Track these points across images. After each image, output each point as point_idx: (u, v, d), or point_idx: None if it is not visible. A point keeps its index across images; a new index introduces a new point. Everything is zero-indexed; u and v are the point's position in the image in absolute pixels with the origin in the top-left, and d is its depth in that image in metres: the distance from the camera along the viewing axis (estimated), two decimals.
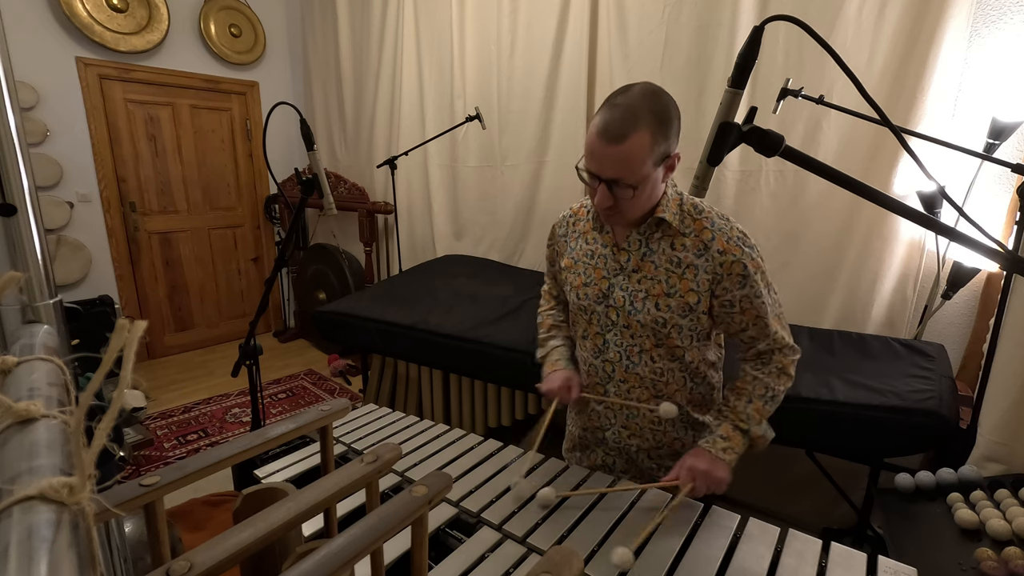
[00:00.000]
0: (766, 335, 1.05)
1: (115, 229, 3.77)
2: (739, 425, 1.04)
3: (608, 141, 0.92)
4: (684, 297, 1.03)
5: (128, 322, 0.31)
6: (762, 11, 2.28)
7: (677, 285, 1.03)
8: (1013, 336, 1.46)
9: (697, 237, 1.02)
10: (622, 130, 0.91)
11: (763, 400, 1.05)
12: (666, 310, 1.04)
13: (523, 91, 3.07)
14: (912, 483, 1.37)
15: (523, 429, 2.28)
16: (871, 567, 0.87)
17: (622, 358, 1.11)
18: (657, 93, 0.94)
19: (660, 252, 1.04)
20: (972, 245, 0.68)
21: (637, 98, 0.92)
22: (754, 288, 1.01)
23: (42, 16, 3.31)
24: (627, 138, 0.90)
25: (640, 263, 1.06)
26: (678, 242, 1.03)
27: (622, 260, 1.07)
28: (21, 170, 0.63)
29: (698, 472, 0.99)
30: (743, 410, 1.05)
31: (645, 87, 0.95)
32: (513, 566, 0.89)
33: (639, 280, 1.06)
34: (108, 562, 0.69)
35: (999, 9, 1.91)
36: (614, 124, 0.91)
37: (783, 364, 1.07)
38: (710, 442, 1.04)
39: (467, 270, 3.14)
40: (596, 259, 1.11)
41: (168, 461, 2.77)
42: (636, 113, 0.91)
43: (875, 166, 2.12)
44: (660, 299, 1.04)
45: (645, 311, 1.05)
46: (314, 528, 0.92)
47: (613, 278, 1.08)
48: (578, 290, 1.14)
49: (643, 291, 1.05)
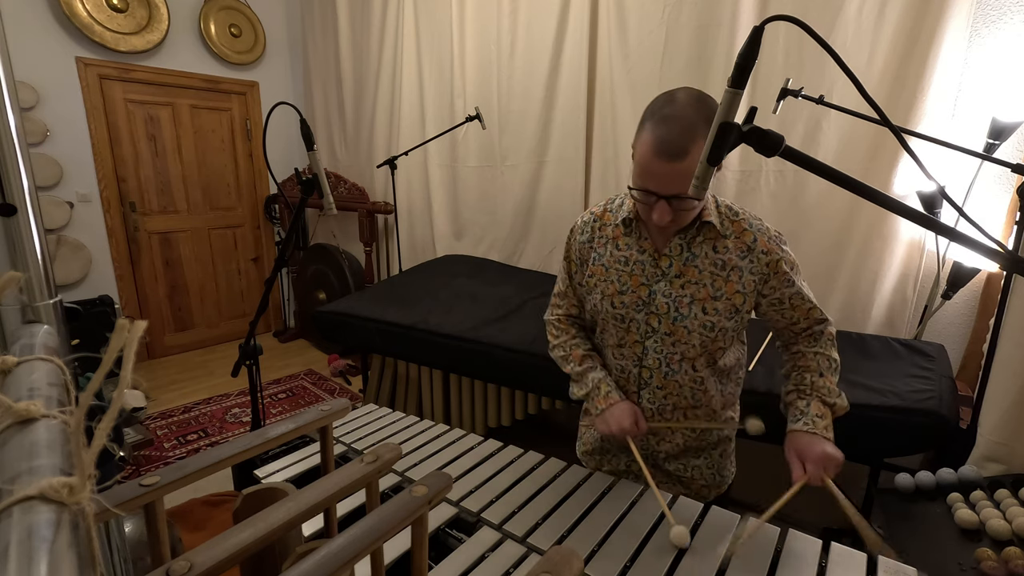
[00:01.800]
0: (817, 320, 1.09)
1: (115, 229, 3.77)
2: (825, 399, 1.03)
3: (669, 159, 0.89)
4: (731, 299, 1.02)
5: (128, 322, 0.31)
6: (762, 11, 2.28)
7: (723, 288, 1.02)
8: (1013, 336, 1.46)
9: (739, 239, 1.01)
10: (682, 145, 0.88)
11: (832, 372, 1.06)
12: (713, 313, 1.02)
13: (523, 91, 3.07)
14: (912, 483, 1.37)
15: (523, 429, 2.29)
16: (871, 567, 0.87)
17: (661, 365, 1.08)
18: (703, 98, 0.92)
19: (703, 256, 1.02)
20: (972, 245, 0.68)
21: (689, 108, 0.90)
22: (798, 282, 1.04)
23: (42, 16, 3.31)
24: (689, 153, 0.88)
25: (683, 268, 1.03)
26: (720, 244, 1.02)
27: (663, 266, 1.05)
28: (21, 170, 0.63)
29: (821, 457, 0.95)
30: (823, 385, 1.04)
31: (690, 93, 0.92)
32: (513, 566, 0.89)
33: (682, 285, 1.03)
34: (108, 562, 0.69)
35: (999, 9, 1.91)
36: (672, 140, 0.88)
37: (831, 335, 1.10)
38: (809, 423, 1.00)
39: (467, 270, 3.14)
40: (632, 265, 1.07)
41: (168, 461, 2.77)
42: (692, 125, 0.88)
43: (875, 166, 2.12)
44: (707, 303, 1.02)
45: (692, 316, 1.03)
46: (314, 528, 0.92)
47: (654, 284, 1.05)
48: (612, 298, 1.09)
49: (688, 296, 1.03)
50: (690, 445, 1.18)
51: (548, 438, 1.44)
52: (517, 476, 1.17)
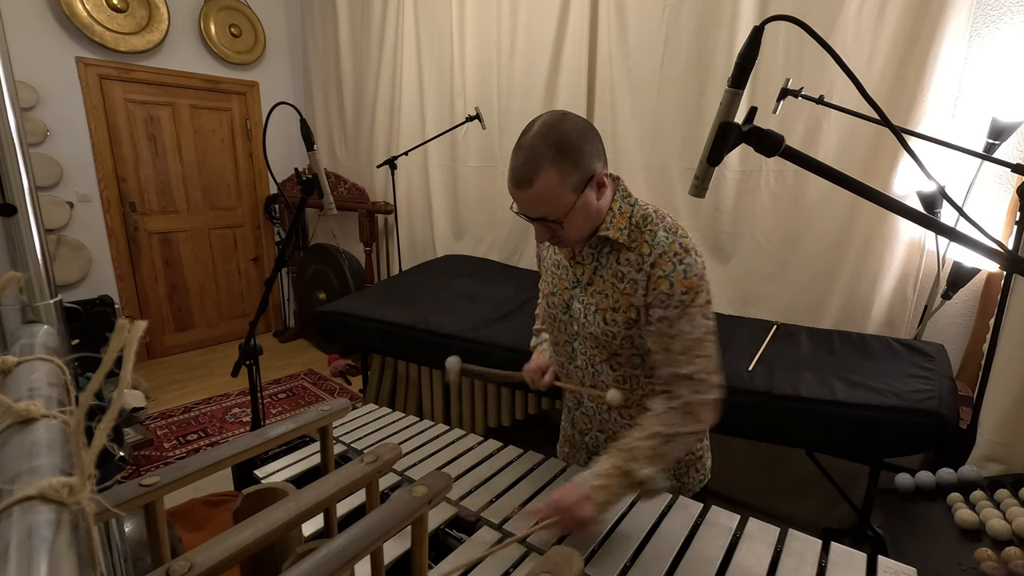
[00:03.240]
0: (678, 367, 0.96)
1: (115, 229, 3.77)
2: (621, 465, 0.91)
3: (518, 187, 0.94)
4: (627, 312, 1.01)
5: (128, 322, 0.31)
6: (762, 11, 2.28)
7: (621, 300, 1.02)
8: (1013, 336, 1.46)
9: (639, 251, 1.00)
10: (526, 175, 0.92)
11: (660, 440, 0.92)
12: (612, 324, 1.03)
13: (523, 91, 3.07)
14: (912, 483, 1.38)
15: (523, 429, 2.28)
16: (871, 567, 0.87)
17: (588, 365, 1.12)
18: (555, 124, 0.92)
19: (607, 267, 1.04)
20: (972, 245, 0.68)
21: (535, 137, 0.92)
22: (678, 311, 0.95)
23: (42, 16, 3.31)
24: (533, 182, 0.92)
25: (592, 277, 1.07)
26: (623, 256, 1.01)
27: (578, 273, 1.09)
28: (21, 170, 0.63)
29: (561, 508, 0.88)
30: (635, 447, 0.92)
31: (544, 121, 0.94)
32: (513, 566, 0.89)
33: (592, 294, 1.06)
34: (108, 562, 0.69)
35: (999, 9, 1.91)
36: (519, 170, 0.93)
37: (691, 403, 0.94)
38: (588, 476, 0.91)
39: (467, 270, 3.14)
40: (560, 270, 1.13)
41: (168, 461, 2.77)
42: (535, 154, 0.91)
43: (875, 166, 2.12)
44: (607, 313, 1.04)
45: (595, 324, 1.05)
46: (314, 528, 0.92)
47: (572, 290, 1.10)
48: (547, 298, 1.16)
49: (594, 304, 1.06)
50: None
51: (548, 438, 1.44)
52: (517, 476, 1.17)
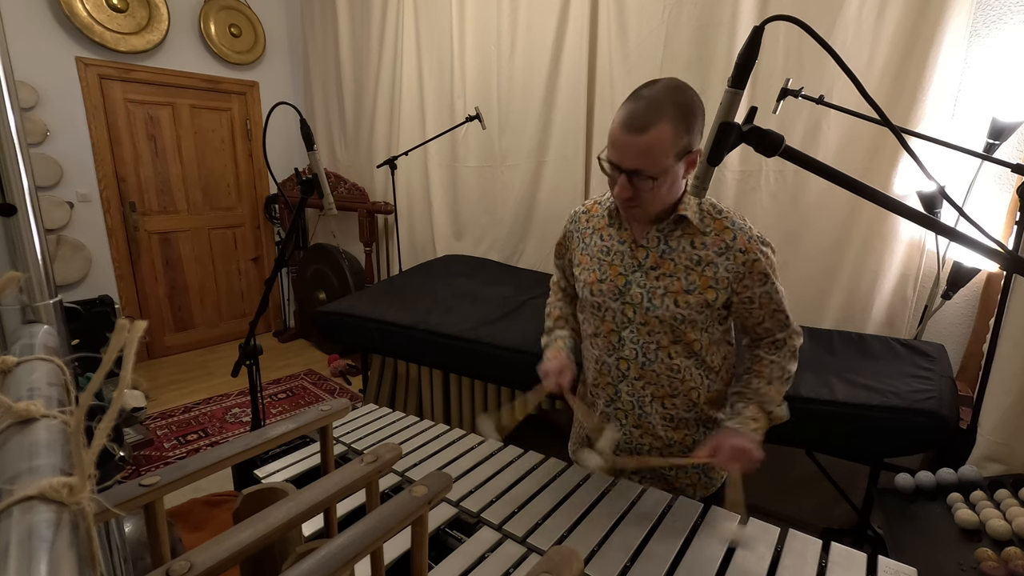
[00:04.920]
0: (784, 326, 1.10)
1: (115, 229, 3.77)
2: (764, 406, 1.07)
3: (631, 131, 0.94)
4: (703, 294, 1.05)
5: (128, 322, 0.31)
6: (762, 11, 2.28)
7: (697, 282, 1.05)
8: (1013, 336, 1.46)
9: (718, 236, 1.04)
10: (645, 120, 0.92)
11: (782, 382, 1.10)
12: (684, 307, 1.05)
13: (523, 91, 3.07)
14: (912, 483, 1.37)
15: (523, 429, 2.28)
16: (871, 567, 0.87)
17: (638, 355, 1.12)
18: (682, 88, 0.96)
19: (680, 250, 1.06)
20: (972, 245, 0.68)
21: (662, 91, 0.94)
22: (772, 284, 1.05)
23: (42, 16, 3.31)
24: (649, 129, 0.92)
25: (659, 260, 1.07)
26: (698, 240, 1.05)
27: (640, 257, 1.09)
28: (21, 170, 0.63)
29: (737, 450, 1.00)
30: (766, 392, 1.08)
31: (671, 81, 0.97)
32: (513, 566, 0.89)
33: (657, 277, 1.07)
34: (108, 562, 0.69)
35: (999, 9, 1.91)
36: (638, 114, 0.93)
37: (794, 347, 1.12)
38: (741, 422, 1.05)
39: (467, 270, 3.14)
40: (612, 255, 1.12)
41: (168, 461, 2.77)
42: (660, 105, 0.93)
43: (875, 166, 2.12)
44: (679, 296, 1.05)
45: (664, 307, 1.06)
46: (314, 528, 0.92)
47: (631, 275, 1.09)
48: (591, 286, 1.14)
49: (661, 287, 1.06)
50: (674, 442, 1.18)
51: (548, 438, 1.45)
52: (517, 476, 1.17)
